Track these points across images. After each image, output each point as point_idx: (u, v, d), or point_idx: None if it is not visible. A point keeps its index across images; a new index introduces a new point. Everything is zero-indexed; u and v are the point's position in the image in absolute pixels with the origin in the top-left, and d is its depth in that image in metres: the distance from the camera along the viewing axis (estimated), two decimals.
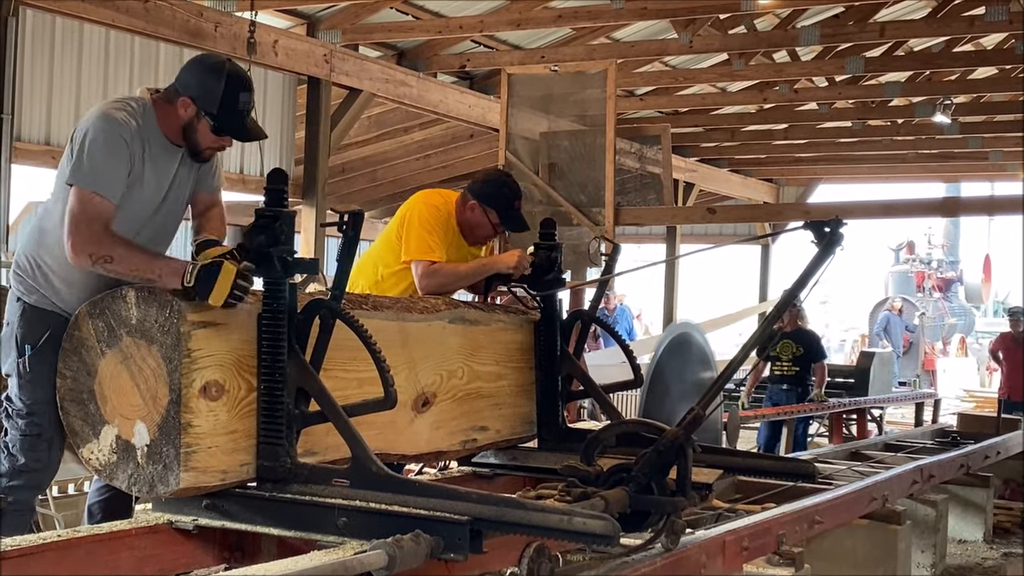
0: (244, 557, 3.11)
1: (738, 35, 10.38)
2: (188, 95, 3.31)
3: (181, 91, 3.33)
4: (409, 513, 2.74)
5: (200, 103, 3.31)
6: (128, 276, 3.08)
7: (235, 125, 3.37)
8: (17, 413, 3.31)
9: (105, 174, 3.20)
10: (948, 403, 16.37)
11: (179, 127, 3.35)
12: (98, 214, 3.15)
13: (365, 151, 13.40)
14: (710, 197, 16.57)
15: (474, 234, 4.38)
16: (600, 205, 9.43)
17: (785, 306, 3.65)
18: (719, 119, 14.31)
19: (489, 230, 4.38)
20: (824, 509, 4.14)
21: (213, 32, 7.73)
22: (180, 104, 3.32)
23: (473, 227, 4.36)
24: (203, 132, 3.35)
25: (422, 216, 4.27)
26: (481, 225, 4.35)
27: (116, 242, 3.14)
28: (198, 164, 3.48)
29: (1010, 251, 29.58)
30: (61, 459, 3.38)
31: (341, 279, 3.03)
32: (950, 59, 11.32)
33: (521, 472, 4.10)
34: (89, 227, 3.13)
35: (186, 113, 3.32)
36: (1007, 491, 7.36)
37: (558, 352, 4.17)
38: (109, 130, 3.23)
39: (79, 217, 3.14)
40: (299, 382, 2.94)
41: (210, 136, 3.36)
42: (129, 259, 3.10)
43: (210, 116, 3.31)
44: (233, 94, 3.31)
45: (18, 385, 3.31)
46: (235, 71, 3.36)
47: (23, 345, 3.30)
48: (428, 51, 10.82)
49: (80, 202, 3.15)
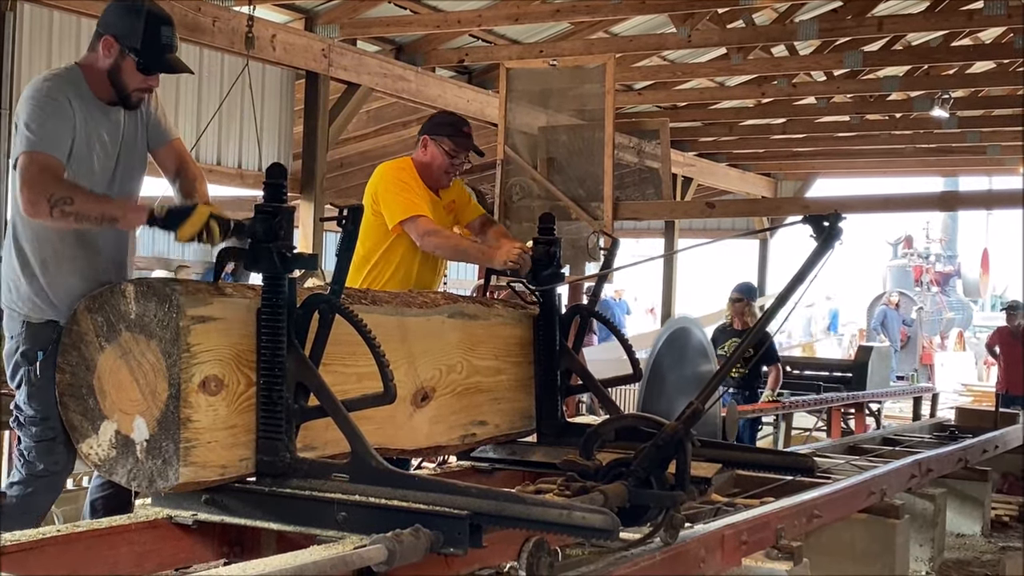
0: (244, 552, 3.11)
1: (736, 29, 10.38)
2: (110, 34, 3.30)
3: (103, 32, 3.33)
4: (409, 508, 2.74)
5: (123, 41, 3.29)
6: (90, 218, 3.10)
7: (159, 60, 3.34)
8: (30, 421, 3.28)
9: (48, 136, 3.20)
10: (946, 397, 16.38)
11: (103, 73, 3.32)
12: (48, 165, 3.17)
13: (363, 146, 13.40)
14: (708, 191, 16.56)
15: (435, 173, 4.49)
16: (599, 199, 9.43)
17: (784, 300, 3.65)
18: (717, 113, 14.31)
19: (445, 160, 4.48)
20: (823, 503, 4.14)
21: (211, 26, 7.72)
22: (103, 45, 3.31)
23: (431, 165, 4.48)
24: (128, 72, 3.31)
25: (392, 181, 4.39)
26: (436, 157, 4.48)
27: (72, 185, 3.17)
28: (145, 121, 3.47)
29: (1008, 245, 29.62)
30: (76, 458, 3.35)
31: (340, 274, 3.03)
32: (948, 53, 11.31)
33: (520, 467, 4.11)
34: (41, 176, 3.15)
35: (110, 53, 3.30)
36: (1005, 485, 7.36)
37: (557, 347, 4.17)
38: (42, 96, 3.24)
39: (30, 171, 3.16)
40: (298, 377, 2.94)
41: (137, 76, 3.32)
42: (89, 200, 3.14)
43: (134, 52, 3.28)
44: (155, 29, 3.31)
45: (28, 394, 3.28)
46: (155, 8, 3.37)
47: (33, 353, 3.27)
48: (426, 45, 10.81)
49: (28, 162, 3.17)
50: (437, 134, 4.49)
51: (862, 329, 24.05)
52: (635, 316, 25.71)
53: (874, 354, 11.62)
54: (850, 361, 12.49)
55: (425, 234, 4.29)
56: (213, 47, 8.06)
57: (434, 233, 4.30)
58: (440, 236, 4.32)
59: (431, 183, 4.51)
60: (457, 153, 4.50)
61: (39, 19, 8.37)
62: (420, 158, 4.52)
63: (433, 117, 4.71)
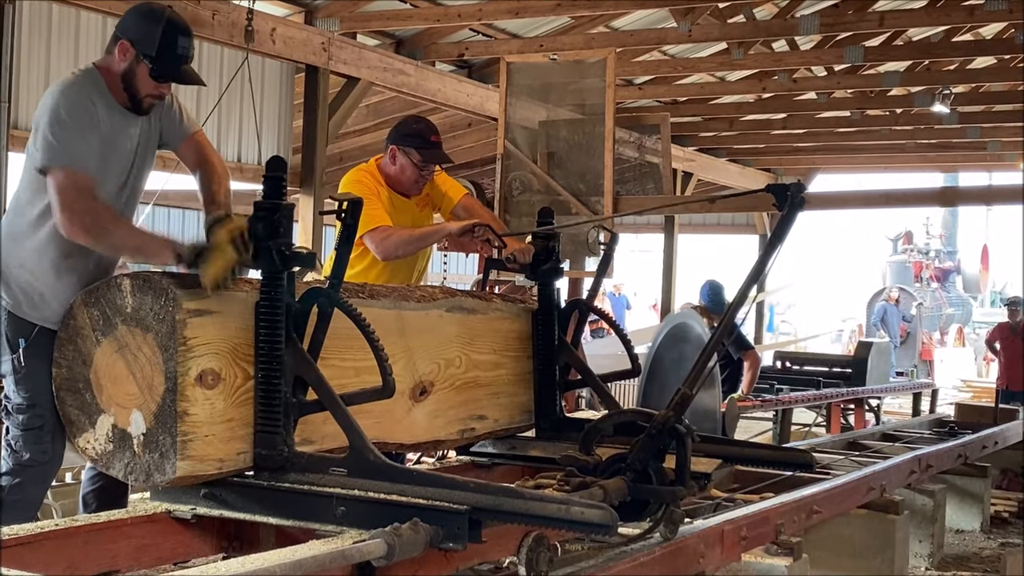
0: (243, 546, 3.10)
1: (737, 24, 10.36)
2: (127, 38, 3.32)
3: (120, 36, 3.34)
4: (408, 502, 2.73)
5: (139, 46, 3.30)
6: (124, 250, 3.17)
7: (173, 69, 3.35)
8: (17, 409, 3.27)
9: (80, 150, 3.20)
10: (946, 393, 16.40)
11: (117, 77, 3.34)
12: (85, 187, 3.16)
13: (363, 140, 13.37)
14: (708, 186, 16.55)
15: (404, 183, 4.48)
16: (599, 194, 9.41)
17: (758, 275, 3.65)
18: (718, 108, 14.29)
19: (414, 172, 4.46)
20: (822, 499, 4.14)
21: (211, 20, 7.70)
22: (119, 49, 3.33)
23: (400, 176, 4.47)
24: (142, 77, 3.33)
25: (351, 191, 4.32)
26: (405, 168, 4.46)
27: (112, 216, 3.19)
28: (159, 119, 3.48)
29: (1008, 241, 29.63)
30: (65, 449, 3.35)
31: (339, 268, 3.02)
32: (949, 49, 11.29)
33: (520, 461, 4.10)
34: (80, 199, 3.14)
35: (125, 58, 3.32)
36: (1005, 481, 7.36)
37: (556, 341, 4.16)
38: (71, 103, 3.24)
39: (68, 193, 3.15)
40: (296, 371, 2.93)
41: (149, 82, 3.34)
42: (126, 235, 3.16)
43: (148, 59, 3.30)
44: (172, 38, 3.32)
45: (15, 381, 3.28)
46: (175, 17, 3.37)
47: (16, 340, 3.27)
48: (426, 39, 10.79)
49: (64, 179, 3.16)
50: (405, 144, 4.45)
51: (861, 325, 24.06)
52: (637, 311, 25.71)
53: (874, 350, 11.61)
54: (849, 357, 12.48)
55: (380, 243, 4.28)
56: (213, 40, 8.03)
57: (386, 238, 4.27)
58: (392, 238, 4.28)
59: (400, 190, 4.51)
60: (426, 165, 4.48)
61: (38, 12, 8.36)
62: (388, 168, 4.50)
63: (400, 125, 4.59)
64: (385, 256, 4.31)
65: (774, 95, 13.23)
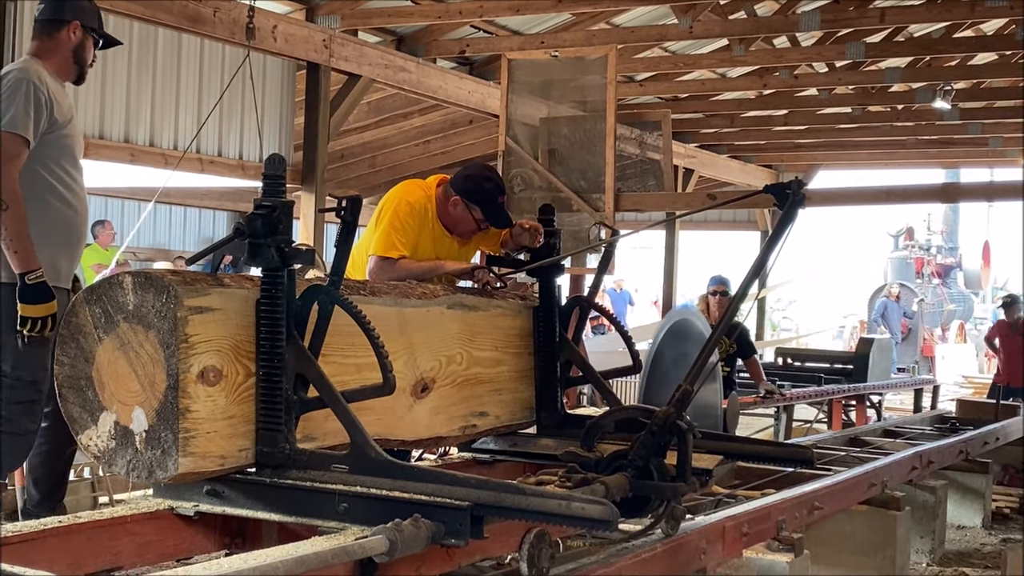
0: (245, 543, 3.11)
1: (738, 20, 10.35)
2: (75, 19, 3.93)
3: (69, 19, 3.93)
4: (409, 499, 2.74)
5: (86, 22, 3.97)
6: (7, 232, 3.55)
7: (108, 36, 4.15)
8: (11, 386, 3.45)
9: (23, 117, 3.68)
10: (947, 389, 16.40)
11: (69, 54, 3.93)
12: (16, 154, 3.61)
13: (364, 137, 13.39)
14: (709, 183, 16.55)
15: (458, 229, 4.35)
16: (600, 191, 9.42)
17: (758, 271, 3.65)
18: (719, 105, 14.28)
19: (473, 225, 4.32)
20: (823, 495, 4.15)
21: (212, 17, 7.70)
22: (70, 29, 3.93)
23: (457, 222, 4.32)
24: (89, 49, 4.01)
25: (396, 213, 4.25)
26: (464, 220, 4.31)
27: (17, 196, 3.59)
28: None
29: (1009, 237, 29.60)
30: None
31: (339, 265, 3.02)
32: (950, 45, 11.28)
33: (521, 458, 4.10)
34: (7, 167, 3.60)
35: (75, 37, 3.94)
36: (1006, 477, 7.37)
37: (557, 338, 4.17)
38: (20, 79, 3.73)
39: None
40: (298, 368, 2.94)
41: (93, 52, 4.03)
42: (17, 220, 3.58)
43: (94, 32, 4.00)
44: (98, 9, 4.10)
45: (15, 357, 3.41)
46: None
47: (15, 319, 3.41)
48: (427, 36, 10.79)
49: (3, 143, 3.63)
50: (471, 201, 4.24)
51: (863, 321, 24.04)
52: (639, 308, 25.70)
53: (875, 346, 11.62)
54: (851, 353, 12.48)
55: (372, 271, 4.17)
56: (214, 38, 8.04)
57: (380, 270, 4.15)
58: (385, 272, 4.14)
59: (449, 229, 4.34)
60: (487, 225, 4.33)
61: None
62: (446, 209, 4.28)
63: (470, 178, 4.28)
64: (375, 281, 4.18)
65: (775, 91, 13.22)
